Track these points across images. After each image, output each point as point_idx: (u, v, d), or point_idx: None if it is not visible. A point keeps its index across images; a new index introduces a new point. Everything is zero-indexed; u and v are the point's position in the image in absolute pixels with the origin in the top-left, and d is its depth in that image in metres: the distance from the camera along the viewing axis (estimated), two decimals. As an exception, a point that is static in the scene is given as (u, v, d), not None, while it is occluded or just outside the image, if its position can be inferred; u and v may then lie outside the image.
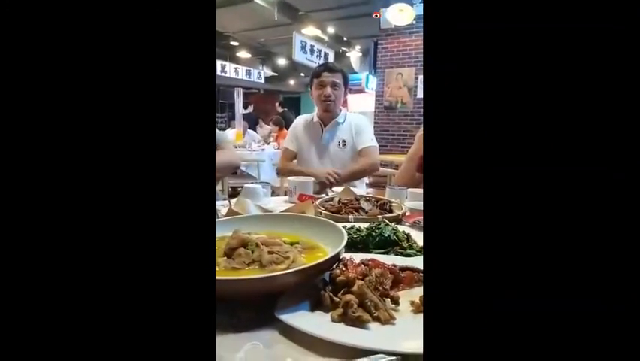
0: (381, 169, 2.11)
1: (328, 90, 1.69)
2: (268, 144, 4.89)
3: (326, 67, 1.75)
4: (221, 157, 1.29)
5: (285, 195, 1.37)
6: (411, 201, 1.12)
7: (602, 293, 0.28)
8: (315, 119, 1.77)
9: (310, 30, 5.94)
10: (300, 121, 1.85)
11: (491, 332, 0.29)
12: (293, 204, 1.11)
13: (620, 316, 0.27)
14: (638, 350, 0.27)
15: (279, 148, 4.20)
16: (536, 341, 0.28)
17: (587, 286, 0.28)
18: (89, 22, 0.30)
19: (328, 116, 1.74)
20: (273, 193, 1.89)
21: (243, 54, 8.18)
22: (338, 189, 1.26)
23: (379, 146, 1.79)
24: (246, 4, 5.35)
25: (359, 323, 0.44)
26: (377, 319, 0.45)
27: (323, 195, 1.27)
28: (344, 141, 1.73)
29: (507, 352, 0.28)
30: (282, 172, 1.90)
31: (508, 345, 0.28)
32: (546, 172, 0.29)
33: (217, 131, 1.50)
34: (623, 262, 0.28)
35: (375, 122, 5.16)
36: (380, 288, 0.50)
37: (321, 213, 0.96)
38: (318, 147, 1.75)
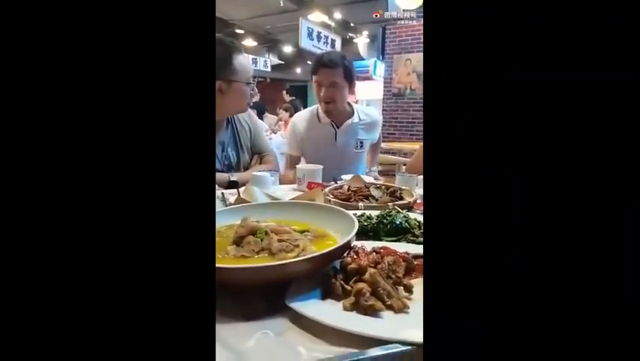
0: (390, 157, 2.10)
1: (325, 93, 1.43)
2: (275, 132, 4.87)
3: (322, 62, 1.44)
4: (261, 168, 1.34)
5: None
6: (422, 188, 1.10)
7: (601, 290, 0.28)
8: (325, 119, 1.54)
9: (317, 16, 5.84)
10: (301, 122, 1.60)
11: (491, 319, 0.28)
12: (302, 192, 1.10)
13: (621, 315, 0.27)
14: (638, 350, 0.27)
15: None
16: (537, 330, 0.28)
17: (586, 279, 0.28)
18: (85, 16, 0.29)
19: (335, 115, 1.53)
20: (281, 182, 1.88)
21: (249, 42, 8.10)
22: (347, 176, 1.24)
23: (388, 134, 1.78)
24: (252, -9, 5.29)
25: (372, 311, 0.43)
26: (390, 307, 0.44)
27: (332, 183, 1.25)
28: (361, 142, 1.58)
29: (507, 340, 0.28)
30: None
31: (508, 333, 0.28)
32: (547, 160, 0.28)
33: (263, 141, 1.47)
34: (622, 263, 0.27)
35: (383, 110, 5.07)
36: (393, 276, 0.49)
37: (330, 200, 0.95)
38: (331, 150, 1.54)
